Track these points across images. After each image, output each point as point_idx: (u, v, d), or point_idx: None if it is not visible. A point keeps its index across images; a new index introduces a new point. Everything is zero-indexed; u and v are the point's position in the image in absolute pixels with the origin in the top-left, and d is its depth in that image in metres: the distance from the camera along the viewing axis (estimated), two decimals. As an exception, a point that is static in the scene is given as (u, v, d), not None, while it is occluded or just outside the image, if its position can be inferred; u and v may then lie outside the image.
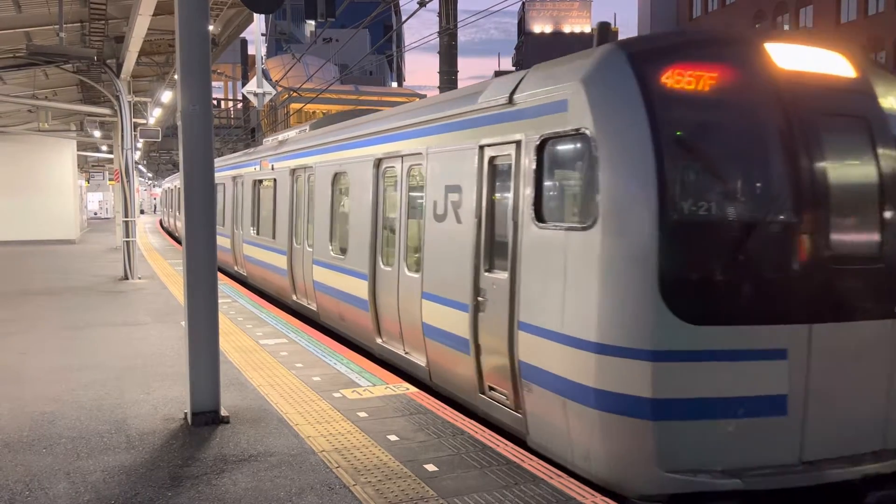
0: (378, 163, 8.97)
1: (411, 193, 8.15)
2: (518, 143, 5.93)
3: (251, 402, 6.83)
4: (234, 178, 17.80)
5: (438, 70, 17.13)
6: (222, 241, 18.51)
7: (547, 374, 5.41)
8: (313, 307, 11.44)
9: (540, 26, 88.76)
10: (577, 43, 76.64)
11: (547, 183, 5.74)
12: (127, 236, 17.13)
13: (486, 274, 6.37)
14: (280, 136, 15.74)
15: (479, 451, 5.54)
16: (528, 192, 5.73)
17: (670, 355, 4.75)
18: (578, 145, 5.32)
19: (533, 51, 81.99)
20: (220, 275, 15.80)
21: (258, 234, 15.10)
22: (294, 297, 12.52)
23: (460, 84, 17.03)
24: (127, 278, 16.79)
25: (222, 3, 14.56)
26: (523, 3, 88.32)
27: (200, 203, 6.23)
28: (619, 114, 5.04)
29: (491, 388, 6.33)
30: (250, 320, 11.22)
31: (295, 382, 7.53)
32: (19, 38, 15.55)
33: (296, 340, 9.65)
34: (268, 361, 8.46)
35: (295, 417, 6.36)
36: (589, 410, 4.99)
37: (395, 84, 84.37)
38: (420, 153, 7.74)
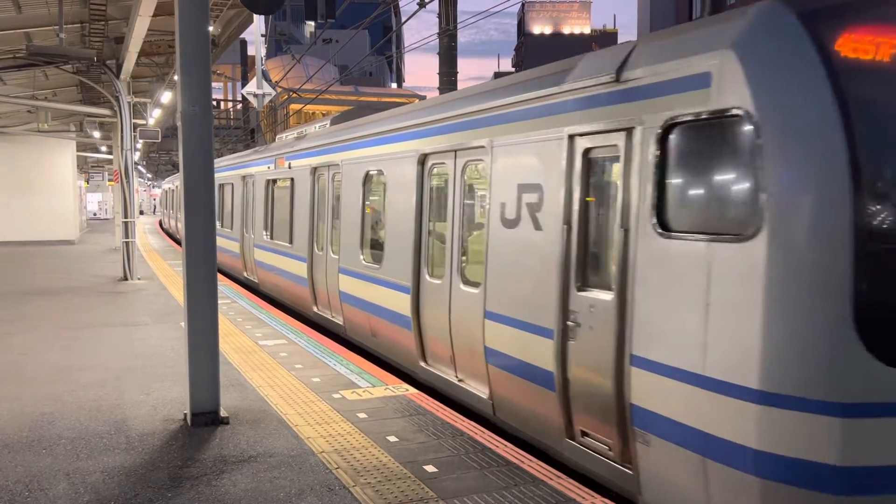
0: (423, 158, 7.82)
1: (469, 194, 7.08)
2: (629, 130, 4.79)
3: (251, 403, 6.83)
4: (243, 177, 16.54)
5: (438, 71, 17.14)
6: (230, 245, 17.53)
7: (674, 424, 4.29)
8: (339, 321, 10.26)
9: (539, 27, 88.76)
10: (576, 44, 76.67)
11: (674, 180, 4.50)
12: (126, 237, 17.13)
13: (580, 293, 5.21)
14: (296, 132, 14.74)
15: (479, 452, 5.54)
16: (645, 192, 4.58)
17: (867, 409, 3.69)
18: (729, 131, 4.13)
19: (532, 52, 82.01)
20: (227, 280, 15.87)
21: (272, 238, 13.91)
22: (315, 309, 11.36)
23: (460, 85, 17.05)
24: (126, 279, 16.79)
25: (222, 3, 14.56)
26: (523, 5, 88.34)
27: (200, 204, 6.23)
28: (793, 89, 3.94)
29: (584, 434, 5.26)
30: (250, 321, 11.22)
31: (294, 383, 7.53)
32: (19, 39, 15.55)
33: (295, 341, 9.65)
34: (267, 362, 8.46)
35: (294, 418, 6.36)
36: (744, 477, 3.89)
37: (394, 85, 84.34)
38: (482, 147, 6.60)
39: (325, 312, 10.97)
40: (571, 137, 5.36)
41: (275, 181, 13.99)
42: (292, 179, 12.63)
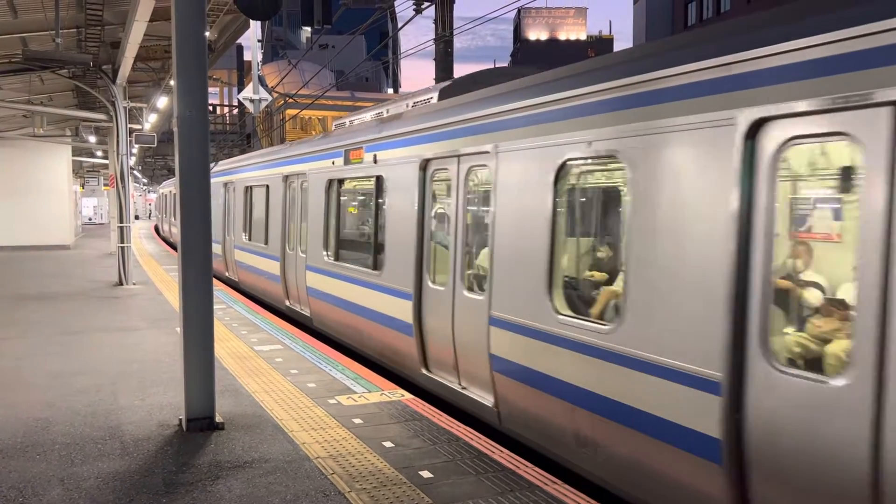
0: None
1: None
2: None
3: (246, 409, 6.82)
4: (286, 177, 12.91)
5: (434, 77, 17.17)
6: (264, 265, 14.02)
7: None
8: (488, 401, 6.57)
9: (535, 33, 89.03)
10: (572, 50, 76.89)
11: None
12: (122, 242, 17.10)
13: None
14: (372, 113, 10.85)
15: (475, 457, 5.54)
16: None
17: None
18: None
19: (529, 58, 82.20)
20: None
21: (337, 258, 10.39)
22: (423, 373, 7.82)
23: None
24: (122, 284, 16.76)
25: (219, 9, 14.57)
26: (519, 11, 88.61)
27: (196, 209, 6.23)
28: None
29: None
30: (245, 326, 11.20)
31: (290, 388, 7.52)
32: (15, 44, 15.54)
33: (290, 346, 9.64)
34: (263, 367, 8.45)
35: (290, 424, 6.35)
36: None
37: (391, 90, 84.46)
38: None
39: (473, 389, 6.91)
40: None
41: (342, 182, 10.46)
42: (380, 179, 8.91)
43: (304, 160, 12.02)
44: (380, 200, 9.04)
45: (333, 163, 10.53)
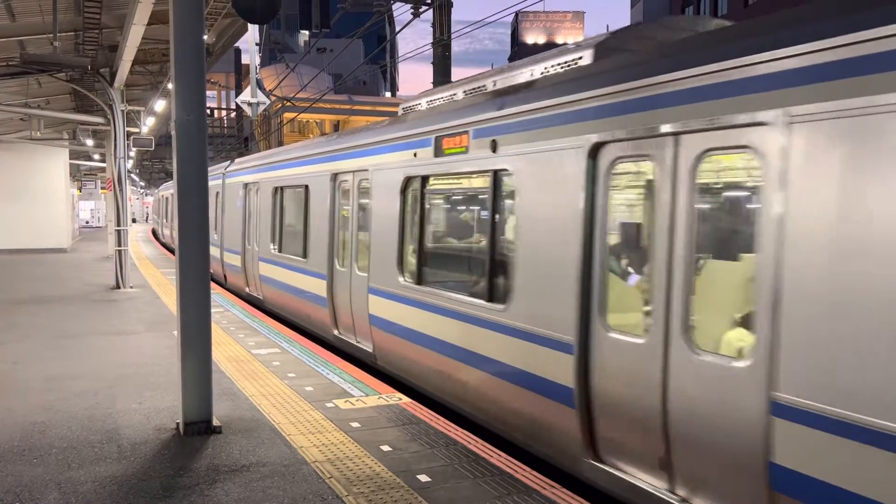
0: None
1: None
2: None
3: (243, 412, 6.81)
4: (335, 175, 10.48)
5: (432, 80, 17.20)
6: (305, 283, 11.45)
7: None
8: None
9: (533, 37, 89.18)
10: (570, 54, 76.92)
11: None
12: (119, 245, 17.09)
13: None
14: (473, 85, 8.03)
15: (472, 461, 5.53)
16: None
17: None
18: None
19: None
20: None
21: (418, 281, 7.98)
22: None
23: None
24: (119, 287, 16.74)
25: (217, 12, 14.59)
26: (517, 15, 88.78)
27: (194, 212, 6.23)
28: None
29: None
30: (242, 330, 11.19)
31: (287, 392, 7.52)
32: (13, 47, 15.53)
33: (288, 350, 9.63)
34: (260, 371, 8.44)
35: (287, 427, 6.34)
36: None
37: (388, 94, 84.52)
38: None
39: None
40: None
41: (428, 179, 8.03)
42: (501, 175, 6.62)
43: (364, 153, 9.48)
44: (501, 203, 6.69)
45: (416, 154, 8.04)
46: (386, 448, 5.82)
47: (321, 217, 10.81)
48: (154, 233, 46.94)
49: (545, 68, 6.89)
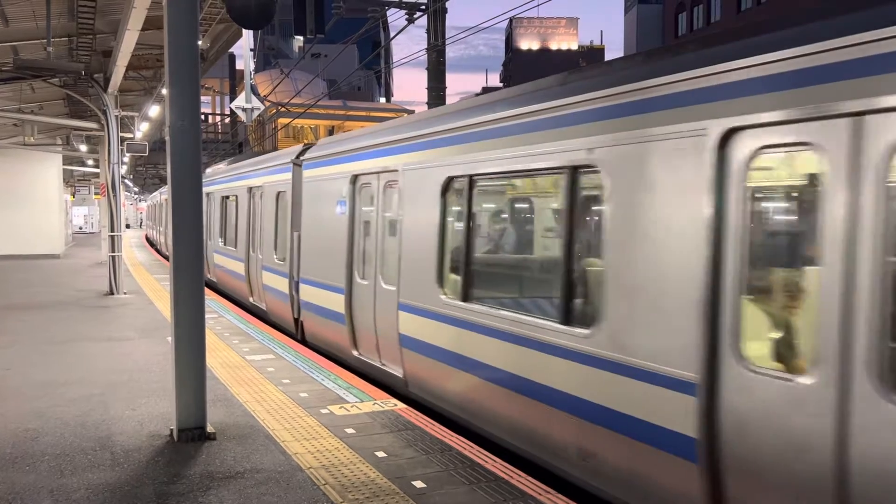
0: None
1: None
2: None
3: (238, 419, 6.78)
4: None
5: (427, 86, 17.22)
6: (330, 302, 9.73)
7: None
8: None
9: (527, 43, 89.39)
10: (564, 60, 77.23)
11: None
12: (112, 251, 17.04)
13: None
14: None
15: (468, 467, 5.52)
16: None
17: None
18: None
19: (520, 67, 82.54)
20: (216, 295, 14.97)
21: (466, 297, 6.74)
22: None
23: (448, 101, 17.10)
24: (112, 293, 16.68)
25: (211, 18, 14.58)
26: (511, 21, 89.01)
27: (188, 218, 6.21)
28: None
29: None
30: (237, 336, 11.15)
31: (282, 398, 7.49)
32: (6, 52, 15.50)
33: (282, 356, 9.60)
34: (254, 377, 8.41)
35: (282, 434, 6.31)
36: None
37: (383, 99, 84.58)
38: None
39: None
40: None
41: (480, 180, 6.71)
42: (580, 173, 5.51)
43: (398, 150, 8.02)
44: (586, 205, 5.67)
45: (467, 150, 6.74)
46: (381, 454, 5.80)
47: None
48: (148, 238, 46.82)
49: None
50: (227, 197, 17.23)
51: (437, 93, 16.90)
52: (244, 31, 16.62)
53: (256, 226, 14.21)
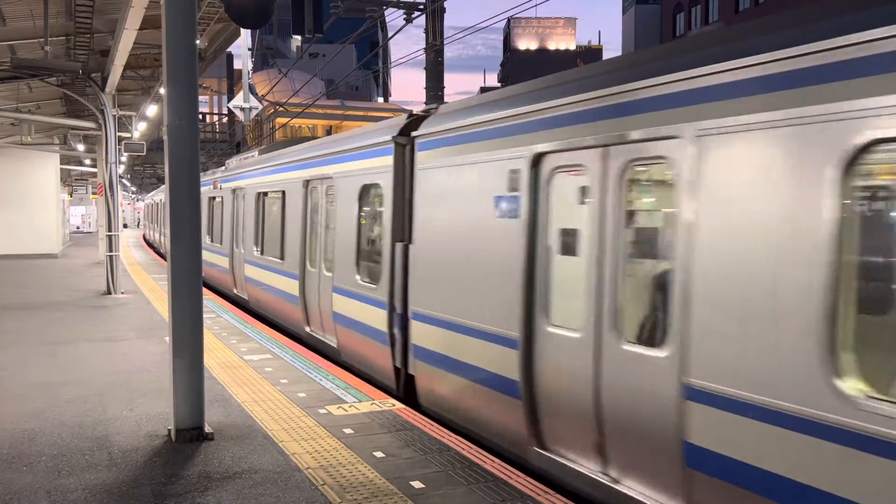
0: None
1: None
2: None
3: (236, 419, 6.77)
4: (523, 166, 5.82)
5: (425, 86, 17.20)
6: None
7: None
8: None
9: (525, 43, 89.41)
10: (561, 60, 77.26)
11: None
12: (110, 251, 17.00)
13: None
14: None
15: (466, 467, 5.51)
16: None
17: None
18: None
19: (518, 67, 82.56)
20: (213, 294, 14.59)
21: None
22: None
23: (447, 100, 17.09)
24: (110, 293, 16.65)
25: (209, 17, 14.55)
26: (509, 20, 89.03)
27: (186, 217, 6.20)
28: None
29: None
30: (235, 335, 11.14)
31: (280, 398, 7.48)
32: (3, 52, 15.47)
33: (280, 356, 9.59)
34: (252, 377, 8.40)
35: (280, 434, 6.30)
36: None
37: (381, 99, 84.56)
38: None
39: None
40: None
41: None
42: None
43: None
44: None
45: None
46: (379, 454, 5.79)
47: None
48: (145, 238, 46.75)
49: None
50: (265, 194, 13.68)
51: (435, 93, 16.89)
52: (242, 30, 16.62)
53: (317, 232, 10.57)
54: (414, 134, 7.81)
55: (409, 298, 7.68)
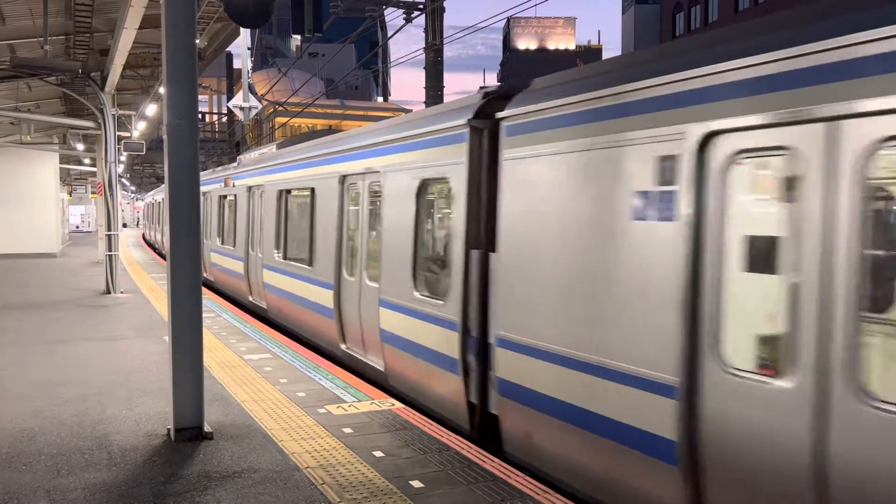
0: None
1: None
2: None
3: (235, 418, 6.76)
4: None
5: (424, 85, 17.21)
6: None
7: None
8: None
9: (525, 43, 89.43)
10: (561, 59, 77.28)
11: None
12: (109, 250, 17.00)
13: None
14: None
15: (466, 467, 5.51)
16: None
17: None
18: None
19: (518, 67, 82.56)
20: (212, 294, 14.55)
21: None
22: None
23: (446, 100, 17.07)
24: (109, 292, 16.64)
25: (209, 17, 14.55)
26: (508, 20, 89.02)
27: (186, 217, 6.20)
28: None
29: None
30: (234, 335, 11.14)
31: (279, 398, 7.48)
32: (3, 51, 15.47)
33: (280, 355, 9.59)
34: (252, 377, 8.40)
35: (279, 433, 6.30)
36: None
37: (380, 99, 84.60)
38: None
39: None
40: None
41: None
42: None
43: None
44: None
45: None
46: (378, 454, 5.79)
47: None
48: (145, 237, 46.74)
49: None
50: (289, 191, 12.12)
51: (434, 92, 16.89)
52: (242, 29, 16.61)
53: (358, 235, 9.21)
54: (500, 115, 6.19)
55: (492, 320, 6.20)
